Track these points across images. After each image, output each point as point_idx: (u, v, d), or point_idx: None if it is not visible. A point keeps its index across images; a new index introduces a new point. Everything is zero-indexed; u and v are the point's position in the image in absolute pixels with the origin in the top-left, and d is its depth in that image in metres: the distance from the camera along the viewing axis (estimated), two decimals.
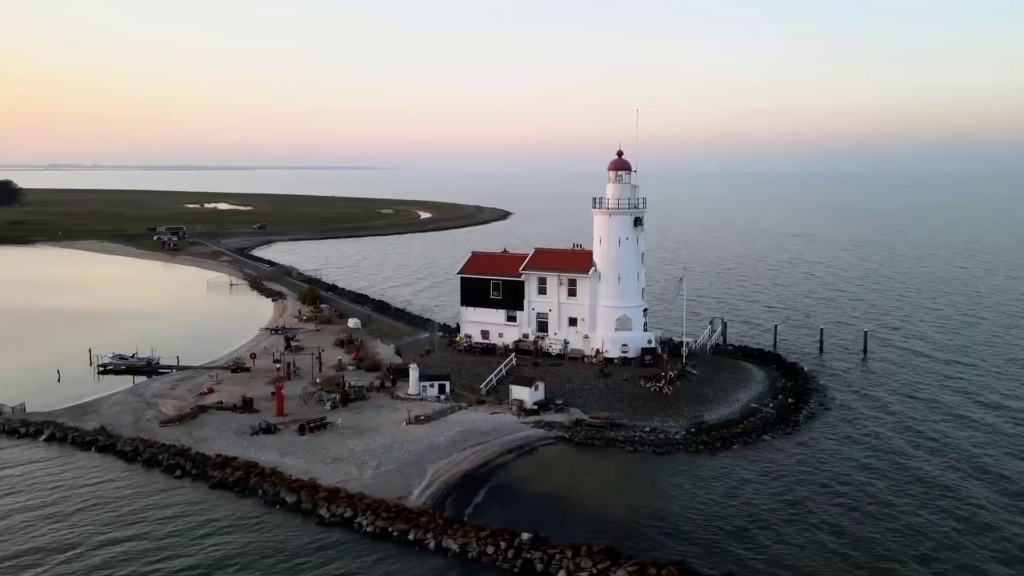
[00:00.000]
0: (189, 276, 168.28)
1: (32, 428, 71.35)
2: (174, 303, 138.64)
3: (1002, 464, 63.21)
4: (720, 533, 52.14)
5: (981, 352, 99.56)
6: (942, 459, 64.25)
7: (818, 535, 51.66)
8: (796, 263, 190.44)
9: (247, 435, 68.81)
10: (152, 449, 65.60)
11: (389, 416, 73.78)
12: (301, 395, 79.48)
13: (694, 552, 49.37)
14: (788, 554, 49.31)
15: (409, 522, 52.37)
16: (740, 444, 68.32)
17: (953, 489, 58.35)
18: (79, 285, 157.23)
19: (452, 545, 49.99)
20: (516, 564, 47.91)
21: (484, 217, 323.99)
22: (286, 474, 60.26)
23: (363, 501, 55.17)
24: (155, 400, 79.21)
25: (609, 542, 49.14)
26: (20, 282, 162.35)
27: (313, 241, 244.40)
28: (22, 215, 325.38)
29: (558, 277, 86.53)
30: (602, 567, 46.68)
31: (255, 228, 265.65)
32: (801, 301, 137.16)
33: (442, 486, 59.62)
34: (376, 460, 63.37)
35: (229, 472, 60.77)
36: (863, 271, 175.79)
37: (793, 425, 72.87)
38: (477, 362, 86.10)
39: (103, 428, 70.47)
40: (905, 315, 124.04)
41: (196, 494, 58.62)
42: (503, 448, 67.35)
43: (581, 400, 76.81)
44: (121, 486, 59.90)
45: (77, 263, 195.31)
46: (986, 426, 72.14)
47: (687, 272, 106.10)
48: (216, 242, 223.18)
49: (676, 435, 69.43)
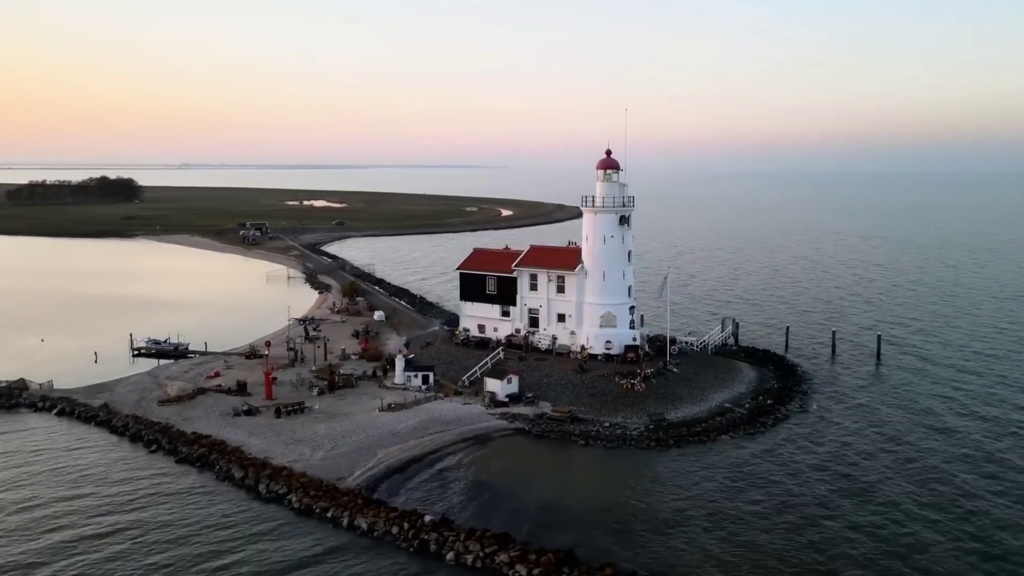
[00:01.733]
0: (255, 269, 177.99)
1: (48, 403, 78.83)
2: (229, 293, 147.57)
3: (942, 495, 57.83)
4: (631, 525, 52.95)
5: (1005, 370, 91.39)
6: (895, 475, 61.07)
7: (728, 534, 51.68)
8: (858, 265, 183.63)
9: (229, 416, 73.93)
10: (139, 425, 71.58)
11: (367, 403, 77.41)
12: (294, 381, 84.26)
13: (596, 542, 50.43)
14: (683, 550, 49.71)
15: (332, 501, 55.65)
16: (696, 443, 68.30)
17: (880, 507, 56.14)
18: (151, 275, 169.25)
19: (362, 523, 52.94)
20: (414, 544, 50.38)
21: (561, 215, 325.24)
22: (246, 452, 64.72)
23: (300, 480, 58.85)
24: (165, 381, 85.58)
25: (507, 529, 51.09)
26: (100, 272, 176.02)
27: (387, 237, 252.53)
28: (138, 211, 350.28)
29: (547, 274, 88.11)
30: (489, 551, 48.60)
31: (333, 224, 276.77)
32: (839, 303, 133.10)
33: (384, 470, 62.68)
34: (333, 443, 67.04)
35: (195, 448, 65.80)
36: (931, 273, 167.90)
37: (760, 427, 72.10)
38: (470, 355, 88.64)
39: (106, 405, 77.15)
40: (943, 321, 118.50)
41: (160, 466, 63.86)
42: (460, 437, 69.81)
43: (553, 394, 78.25)
44: (96, 455, 65.92)
45: (161, 255, 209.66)
46: (965, 453, 66.33)
47: (670, 271, 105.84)
48: (293, 237, 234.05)
49: (633, 431, 70.02)
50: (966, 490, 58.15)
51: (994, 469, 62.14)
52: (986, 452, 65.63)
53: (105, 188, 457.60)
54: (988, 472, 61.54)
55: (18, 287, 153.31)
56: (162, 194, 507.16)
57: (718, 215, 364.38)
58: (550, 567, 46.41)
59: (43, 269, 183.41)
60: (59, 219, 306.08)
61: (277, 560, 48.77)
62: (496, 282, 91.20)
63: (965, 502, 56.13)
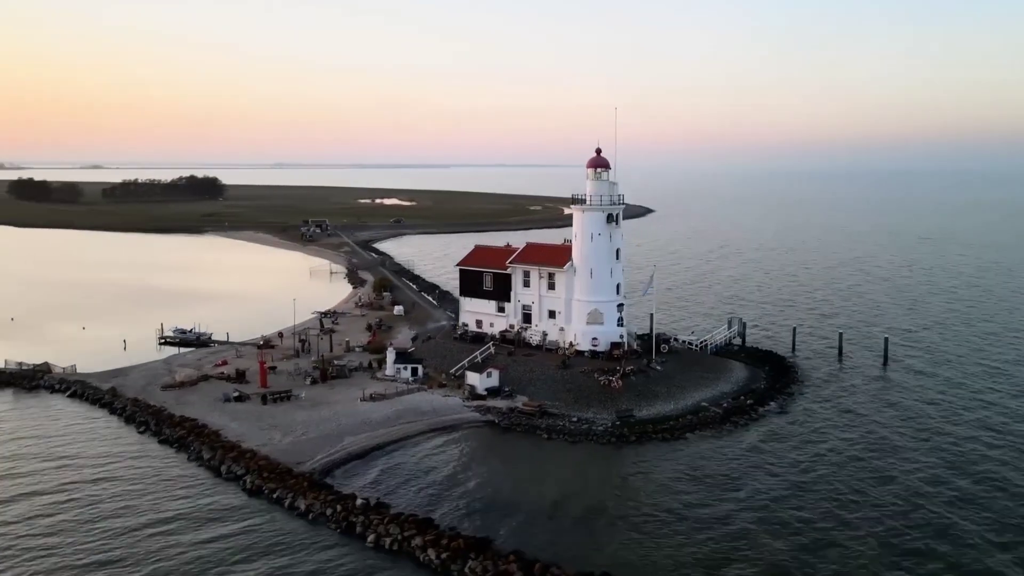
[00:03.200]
0: (302, 264, 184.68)
1: (64, 385, 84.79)
2: (267, 287, 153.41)
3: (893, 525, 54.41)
4: (559, 517, 53.96)
5: (1011, 385, 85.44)
6: (844, 479, 59.39)
7: (651, 532, 52.12)
8: (911, 268, 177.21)
9: (221, 402, 78.09)
10: (135, 408, 76.32)
11: (353, 393, 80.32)
12: (291, 371, 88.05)
13: (519, 530, 51.66)
14: (600, 542, 50.48)
15: (280, 483, 58.53)
16: (658, 440, 68.53)
17: (807, 513, 55.19)
18: (203, 269, 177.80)
19: (301, 504, 55.68)
20: (342, 525, 52.80)
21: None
22: (222, 436, 68.45)
23: (258, 462, 62.02)
24: (177, 368, 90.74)
25: (442, 516, 53.22)
26: (158, 265, 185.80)
27: (441, 235, 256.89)
28: (219, 208, 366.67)
29: (539, 271, 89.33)
30: (408, 534, 50.51)
31: (391, 222, 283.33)
32: (863, 304, 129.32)
33: (344, 455, 65.32)
34: (305, 429, 70.11)
35: (177, 431, 69.95)
36: (983, 277, 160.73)
37: (730, 426, 71.74)
38: (464, 349, 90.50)
39: (113, 389, 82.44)
40: (975, 328, 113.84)
41: (142, 446, 68.13)
42: (429, 427, 71.94)
43: (533, 388, 79.47)
44: (87, 433, 70.95)
45: (220, 250, 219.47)
46: (941, 476, 63.72)
47: (656, 268, 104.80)
48: (350, 234, 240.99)
49: (598, 427, 70.74)
50: (921, 499, 56.86)
51: (960, 491, 60.34)
52: (949, 470, 63.70)
53: (193, 187, 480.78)
54: (951, 488, 59.88)
55: (80, 278, 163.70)
56: (246, 192, 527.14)
57: (775, 214, 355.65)
58: (458, 552, 47.99)
59: (110, 262, 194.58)
60: (143, 216, 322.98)
61: (208, 532, 51.82)
62: (492, 278, 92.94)
63: (925, 513, 54.93)
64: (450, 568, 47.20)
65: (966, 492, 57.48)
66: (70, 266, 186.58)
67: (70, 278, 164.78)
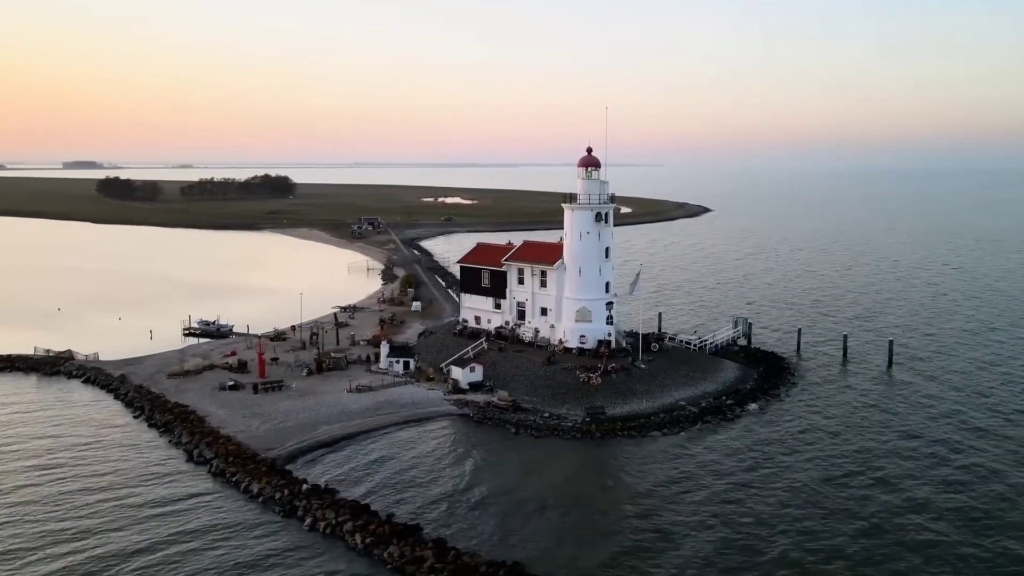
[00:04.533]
0: (343, 259, 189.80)
1: (80, 372, 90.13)
2: (302, 281, 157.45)
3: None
4: (499, 507, 55.23)
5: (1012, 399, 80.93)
6: (786, 493, 57.52)
7: (577, 527, 52.88)
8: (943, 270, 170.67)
9: (216, 390, 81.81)
10: (136, 394, 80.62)
11: (343, 385, 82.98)
12: (292, 363, 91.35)
13: (453, 518, 53.18)
14: (530, 536, 51.47)
15: (241, 467, 61.34)
16: (622, 437, 68.90)
17: (743, 520, 55.48)
18: (247, 263, 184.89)
19: (255, 488, 58.37)
20: (286, 508, 55.19)
21: (677, 213, 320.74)
22: (206, 422, 71.94)
23: (227, 447, 65.09)
24: (187, 358, 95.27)
25: (387, 503, 55.35)
26: (205, 259, 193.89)
27: (490, 233, 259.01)
28: (286, 206, 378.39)
29: (531, 269, 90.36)
30: (342, 519, 52.53)
31: (442, 220, 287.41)
32: (886, 308, 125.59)
33: (314, 443, 67.81)
34: (283, 418, 72.98)
35: (166, 416, 73.82)
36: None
37: (702, 426, 71.52)
38: (461, 344, 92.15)
39: (123, 376, 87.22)
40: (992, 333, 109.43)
41: (132, 429, 72.06)
42: (403, 419, 73.89)
43: (516, 384, 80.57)
44: (84, 416, 75.49)
45: (271, 247, 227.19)
46: (887, 475, 62.17)
47: (642, 267, 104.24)
48: (399, 232, 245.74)
49: (568, 423, 71.49)
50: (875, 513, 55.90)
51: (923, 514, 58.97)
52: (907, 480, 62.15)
53: (266, 185, 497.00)
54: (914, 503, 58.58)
55: (131, 271, 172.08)
56: (316, 191, 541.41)
57: (833, 213, 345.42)
58: (383, 538, 49.79)
59: (163, 256, 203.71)
60: (211, 213, 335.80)
61: (161, 509, 54.84)
62: (490, 276, 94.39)
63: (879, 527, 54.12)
64: (372, 552, 49.04)
65: (918, 502, 56.25)
66: (125, 260, 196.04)
67: (122, 271, 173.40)
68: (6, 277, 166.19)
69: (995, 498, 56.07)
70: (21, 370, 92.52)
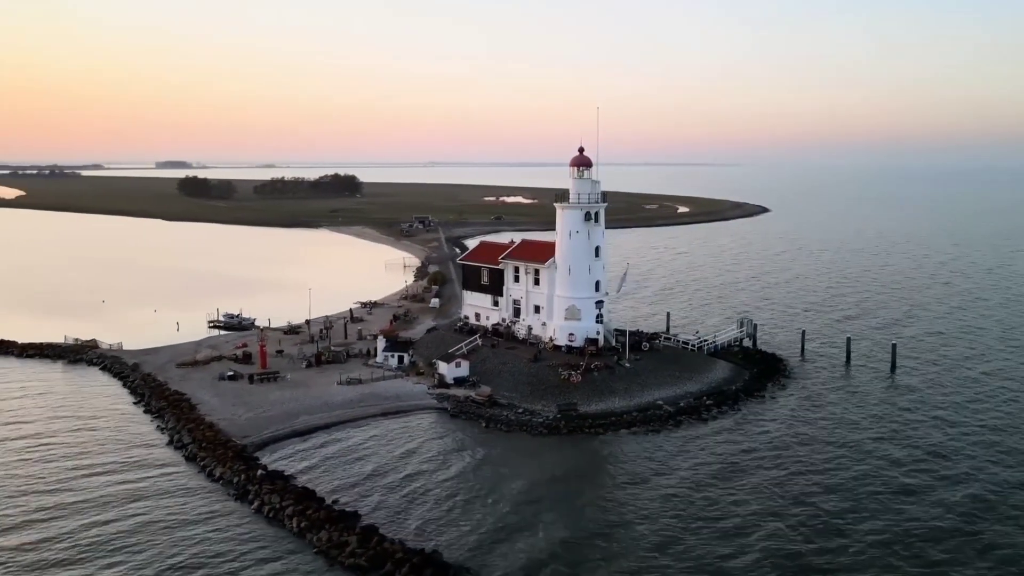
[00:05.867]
0: (383, 256, 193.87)
1: (99, 360, 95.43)
2: (337, 277, 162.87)
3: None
4: (431, 499, 56.71)
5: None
6: (726, 501, 56.31)
7: (512, 518, 53.87)
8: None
9: (216, 380, 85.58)
10: (141, 381, 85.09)
11: (335, 377, 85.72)
12: (294, 355, 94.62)
13: (393, 506, 54.90)
14: (463, 526, 52.78)
15: (210, 453, 64.38)
16: (587, 435, 69.41)
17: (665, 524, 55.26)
18: (292, 259, 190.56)
19: (217, 472, 61.30)
20: (240, 491, 57.85)
21: (732, 214, 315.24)
22: (197, 409, 75.45)
23: (204, 433, 68.29)
24: (200, 348, 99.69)
25: (331, 488, 57.45)
26: (252, 255, 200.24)
27: (534, 232, 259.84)
28: (350, 204, 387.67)
29: (525, 267, 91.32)
30: (285, 504, 54.81)
31: (492, 219, 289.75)
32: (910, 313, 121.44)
33: (288, 432, 70.44)
34: (267, 407, 75.90)
35: (161, 403, 77.73)
36: None
37: (674, 425, 71.41)
38: (459, 340, 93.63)
39: (136, 364, 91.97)
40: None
41: (128, 413, 76.29)
42: (381, 411, 75.96)
43: (499, 380, 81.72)
44: (89, 399, 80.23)
45: (321, 243, 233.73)
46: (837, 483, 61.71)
47: (628, 266, 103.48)
48: (447, 230, 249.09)
49: (538, 419, 72.33)
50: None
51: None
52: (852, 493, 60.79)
53: (334, 184, 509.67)
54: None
55: (181, 266, 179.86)
56: (382, 189, 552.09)
57: (890, 213, 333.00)
58: (316, 522, 51.86)
59: (214, 252, 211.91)
60: (275, 211, 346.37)
61: (127, 486, 58.23)
62: (488, 273, 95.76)
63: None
64: (305, 535, 51.18)
65: (884, 510, 55.18)
66: (178, 255, 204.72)
67: (170, 266, 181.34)
68: (64, 271, 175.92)
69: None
70: (49, 357, 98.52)
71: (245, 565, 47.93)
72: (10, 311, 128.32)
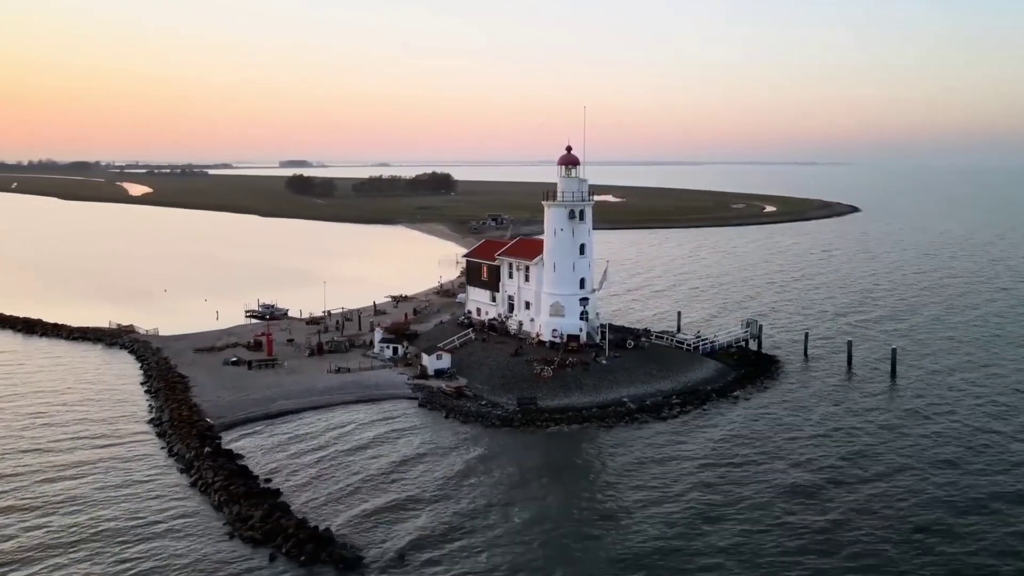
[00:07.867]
0: (438, 252, 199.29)
1: (131, 344, 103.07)
2: (386, 271, 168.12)
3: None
4: (355, 483, 59.37)
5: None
6: (691, 513, 55.49)
7: (433, 508, 55.86)
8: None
9: (221, 365, 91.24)
10: (155, 363, 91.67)
11: (326, 365, 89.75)
12: (300, 344, 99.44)
13: (318, 490, 57.90)
14: (369, 510, 55.23)
15: (176, 430, 69.31)
16: (538, 428, 70.50)
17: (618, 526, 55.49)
18: (351, 253, 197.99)
19: (176, 448, 65.91)
20: (186, 465, 62.17)
21: (817, 214, 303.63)
22: (190, 392, 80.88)
23: (182, 414, 73.34)
24: (224, 336, 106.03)
25: (254, 466, 61.11)
26: (317, 248, 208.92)
27: (617, 231, 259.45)
28: (439, 202, 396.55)
29: (517, 264, 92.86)
30: (216, 479, 58.44)
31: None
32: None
33: (259, 414, 74.68)
34: (253, 391, 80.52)
35: (159, 383, 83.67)
36: None
37: (630, 422, 71.59)
38: (457, 333, 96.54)
39: (158, 349, 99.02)
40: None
41: (133, 394, 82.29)
42: (356, 399, 79.23)
43: (478, 372, 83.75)
44: (106, 378, 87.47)
45: (387, 239, 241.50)
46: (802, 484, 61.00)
47: (609, 264, 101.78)
48: (516, 227, 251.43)
49: (498, 412, 73.96)
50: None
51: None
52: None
53: (430, 182, 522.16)
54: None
55: (247, 259, 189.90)
56: (474, 188, 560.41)
57: (985, 215, 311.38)
58: (234, 497, 55.38)
59: (286, 245, 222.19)
60: (363, 209, 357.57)
61: (92, 456, 63.61)
62: (487, 270, 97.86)
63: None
64: (222, 508, 54.95)
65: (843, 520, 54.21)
66: (252, 249, 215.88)
67: (239, 259, 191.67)
68: (145, 261, 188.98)
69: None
70: (91, 340, 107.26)
71: (155, 525, 52.29)
72: (78, 296, 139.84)
